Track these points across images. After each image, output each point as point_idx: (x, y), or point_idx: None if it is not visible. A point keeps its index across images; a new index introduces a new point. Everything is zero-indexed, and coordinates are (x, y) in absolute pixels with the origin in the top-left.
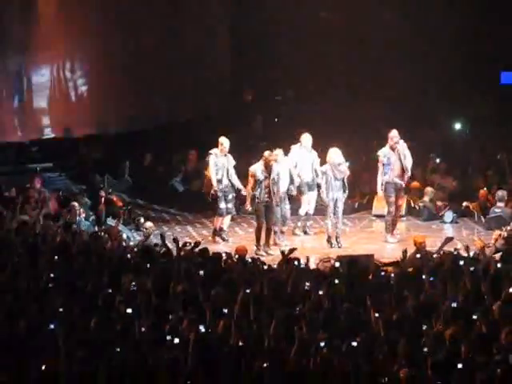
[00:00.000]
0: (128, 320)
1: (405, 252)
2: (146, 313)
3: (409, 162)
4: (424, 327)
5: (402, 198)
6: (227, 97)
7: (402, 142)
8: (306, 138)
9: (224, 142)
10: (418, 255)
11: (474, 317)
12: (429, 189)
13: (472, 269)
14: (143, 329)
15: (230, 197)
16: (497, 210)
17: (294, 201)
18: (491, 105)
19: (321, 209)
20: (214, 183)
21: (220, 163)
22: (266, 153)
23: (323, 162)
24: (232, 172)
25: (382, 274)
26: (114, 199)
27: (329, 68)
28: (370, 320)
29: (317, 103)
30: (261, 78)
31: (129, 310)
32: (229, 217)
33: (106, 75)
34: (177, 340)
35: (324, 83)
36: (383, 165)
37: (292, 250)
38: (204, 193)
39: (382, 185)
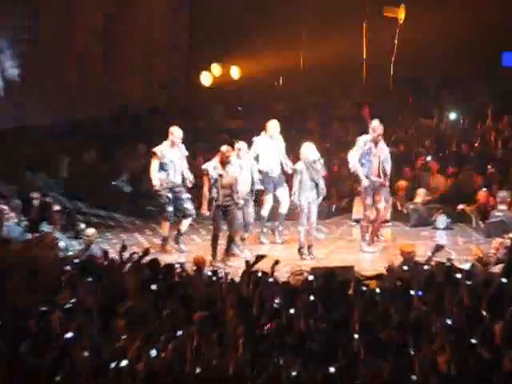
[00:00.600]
0: (67, 343)
1: (391, 263)
2: (87, 335)
3: (388, 166)
4: (413, 351)
5: (381, 200)
6: (182, 83)
7: (383, 143)
8: (273, 125)
9: (175, 131)
10: (406, 267)
11: (473, 340)
12: (421, 190)
13: (469, 283)
14: (85, 354)
15: (185, 196)
16: (498, 214)
17: (259, 203)
18: (492, 90)
19: (291, 212)
20: (155, 182)
21: (167, 159)
22: (223, 147)
23: (295, 159)
24: (184, 164)
25: (364, 288)
26: (50, 201)
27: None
28: (349, 343)
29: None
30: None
31: (68, 334)
32: (189, 219)
33: (41, 58)
34: (123, 365)
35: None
36: (361, 154)
37: (260, 258)
38: (155, 194)
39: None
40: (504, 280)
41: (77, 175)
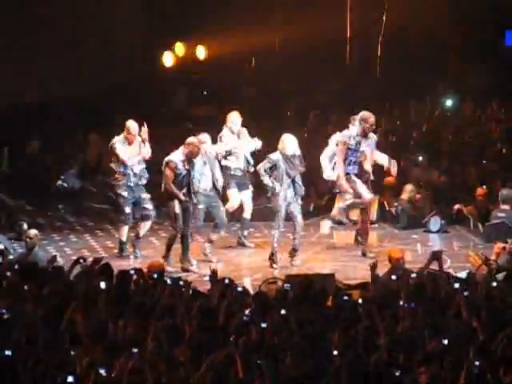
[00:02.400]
0: (5, 362)
1: (374, 270)
2: (30, 351)
3: (383, 159)
4: (402, 374)
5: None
6: (138, 63)
7: (372, 135)
8: (232, 118)
9: (131, 126)
10: (394, 276)
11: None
12: (409, 186)
13: (466, 293)
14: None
15: (145, 196)
16: (500, 215)
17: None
18: (493, 74)
19: (263, 213)
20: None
21: (125, 153)
22: (192, 139)
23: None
24: (141, 159)
25: (346, 299)
26: None
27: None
28: (328, 362)
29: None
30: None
31: (7, 352)
32: (149, 222)
33: None
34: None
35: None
36: (349, 150)
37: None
38: (111, 191)
39: (347, 175)
40: (503, 288)
41: (19, 167)
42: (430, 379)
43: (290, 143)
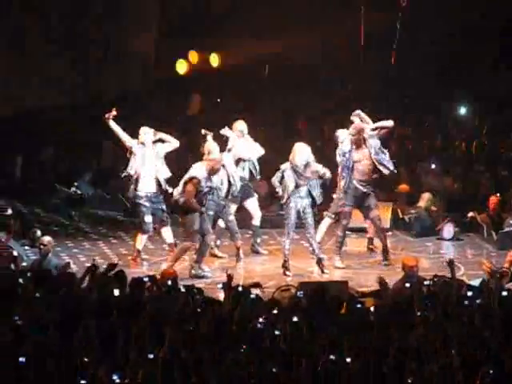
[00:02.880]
0: (20, 368)
1: (383, 280)
2: (43, 358)
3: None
4: (411, 380)
5: (375, 208)
6: (152, 67)
7: (374, 139)
8: (239, 126)
9: (146, 132)
10: (407, 284)
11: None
12: (426, 194)
13: (479, 301)
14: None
15: (163, 207)
16: None
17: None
18: (508, 82)
19: (276, 220)
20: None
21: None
22: (216, 155)
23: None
24: (159, 164)
25: (359, 306)
26: (4, 205)
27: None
28: (341, 369)
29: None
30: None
31: (21, 359)
32: (168, 226)
33: None
34: None
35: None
36: (342, 167)
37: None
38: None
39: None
40: None
41: (32, 175)
42: None
43: (300, 153)
